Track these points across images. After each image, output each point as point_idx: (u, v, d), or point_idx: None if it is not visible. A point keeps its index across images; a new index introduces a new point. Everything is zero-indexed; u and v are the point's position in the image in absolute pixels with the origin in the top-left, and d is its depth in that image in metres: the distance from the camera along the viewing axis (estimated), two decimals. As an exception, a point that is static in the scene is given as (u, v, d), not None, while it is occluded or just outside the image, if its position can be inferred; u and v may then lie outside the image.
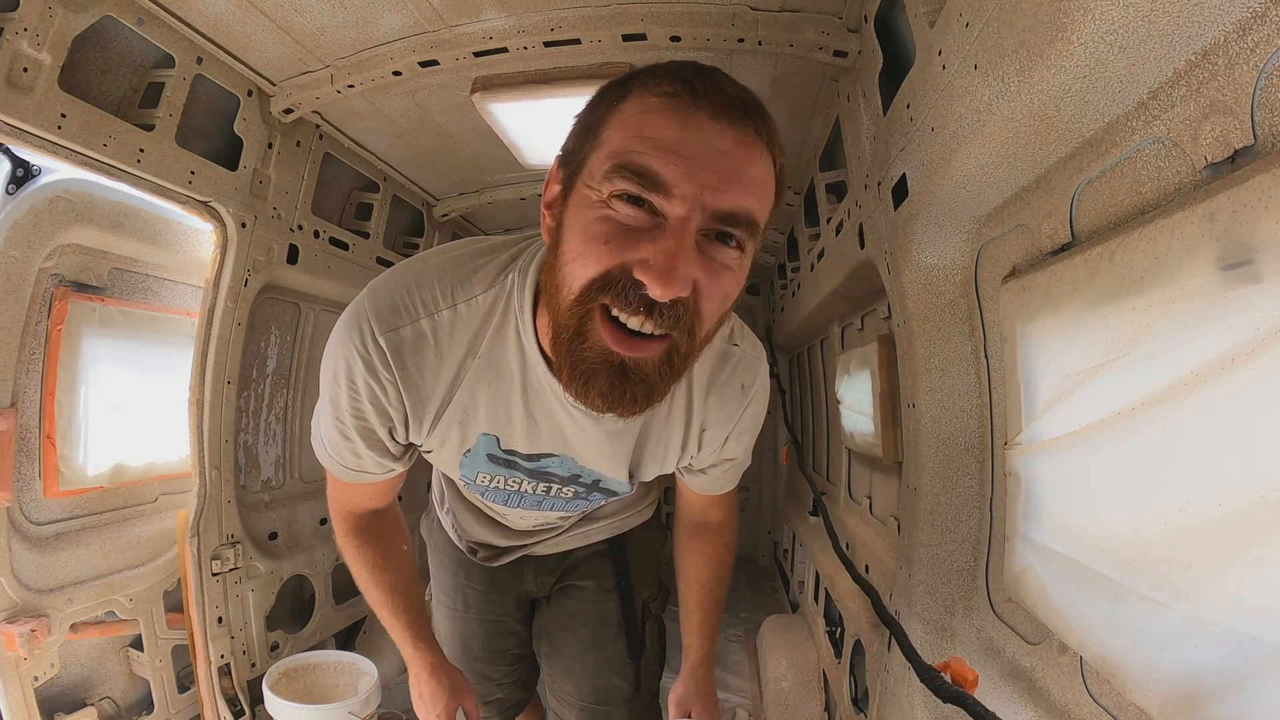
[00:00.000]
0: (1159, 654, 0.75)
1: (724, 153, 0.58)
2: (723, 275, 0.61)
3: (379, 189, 2.61)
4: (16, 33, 1.31)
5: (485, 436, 0.85)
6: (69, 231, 1.83)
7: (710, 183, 0.57)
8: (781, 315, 3.55)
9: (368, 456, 0.86)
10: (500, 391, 0.80)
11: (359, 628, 2.87)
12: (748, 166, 0.59)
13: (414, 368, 0.77)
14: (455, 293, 0.76)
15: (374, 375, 0.76)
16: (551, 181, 0.69)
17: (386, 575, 1.02)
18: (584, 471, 0.92)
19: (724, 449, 0.97)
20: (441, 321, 0.76)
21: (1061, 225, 0.98)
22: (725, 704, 2.49)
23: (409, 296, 0.75)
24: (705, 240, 0.60)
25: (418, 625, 1.06)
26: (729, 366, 0.88)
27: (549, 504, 0.99)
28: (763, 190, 0.61)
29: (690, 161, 0.57)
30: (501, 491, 0.95)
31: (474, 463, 0.89)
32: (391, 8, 1.58)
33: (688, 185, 0.57)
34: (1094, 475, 0.90)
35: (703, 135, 0.57)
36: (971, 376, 1.32)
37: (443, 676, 1.06)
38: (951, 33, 0.99)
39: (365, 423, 0.82)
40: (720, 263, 0.61)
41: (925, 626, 1.35)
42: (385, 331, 0.74)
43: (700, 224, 0.58)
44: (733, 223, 0.59)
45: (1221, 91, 0.66)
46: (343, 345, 0.76)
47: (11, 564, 1.72)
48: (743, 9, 1.58)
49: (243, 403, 2.30)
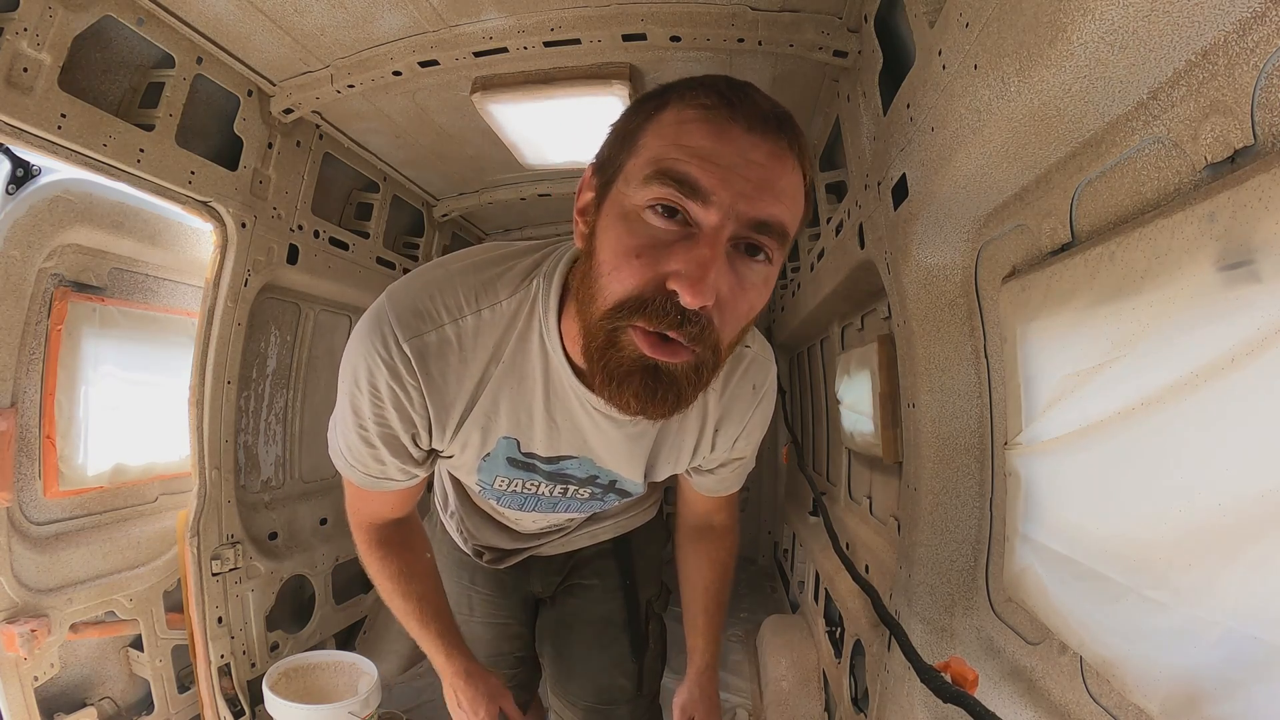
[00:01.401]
0: (1159, 654, 0.75)
1: (758, 163, 0.59)
2: (749, 292, 0.63)
3: (379, 189, 2.61)
4: (16, 33, 1.31)
5: (506, 440, 0.84)
6: (69, 231, 1.83)
7: (745, 191, 0.58)
8: (781, 315, 3.55)
9: (391, 464, 0.85)
10: (523, 395, 0.80)
11: (359, 628, 2.87)
12: (780, 177, 0.60)
13: (438, 374, 0.76)
14: (480, 298, 0.76)
15: (398, 381, 0.75)
16: (585, 189, 0.69)
17: (413, 585, 1.01)
18: (601, 473, 0.92)
19: (732, 451, 0.97)
20: (466, 327, 0.76)
21: (1061, 225, 0.98)
22: (725, 704, 2.49)
23: (432, 302, 0.75)
24: (735, 253, 0.61)
25: (449, 633, 1.05)
26: (741, 367, 0.89)
27: (564, 505, 0.99)
28: (793, 201, 0.62)
29: (726, 171, 0.58)
30: (518, 495, 0.94)
31: (493, 467, 0.88)
32: (391, 8, 1.58)
33: (724, 193, 0.58)
34: (1094, 475, 0.90)
35: (738, 146, 0.59)
36: (971, 376, 1.32)
37: (479, 682, 1.06)
38: (951, 33, 0.99)
39: (389, 429, 0.81)
40: (748, 280, 0.62)
41: (925, 626, 1.35)
42: (409, 338, 0.74)
43: (733, 231, 0.59)
44: (765, 230, 0.60)
45: (1221, 91, 0.66)
46: (365, 351, 0.75)
47: (11, 564, 1.72)
48: (743, 9, 1.58)
49: (243, 403, 2.30)
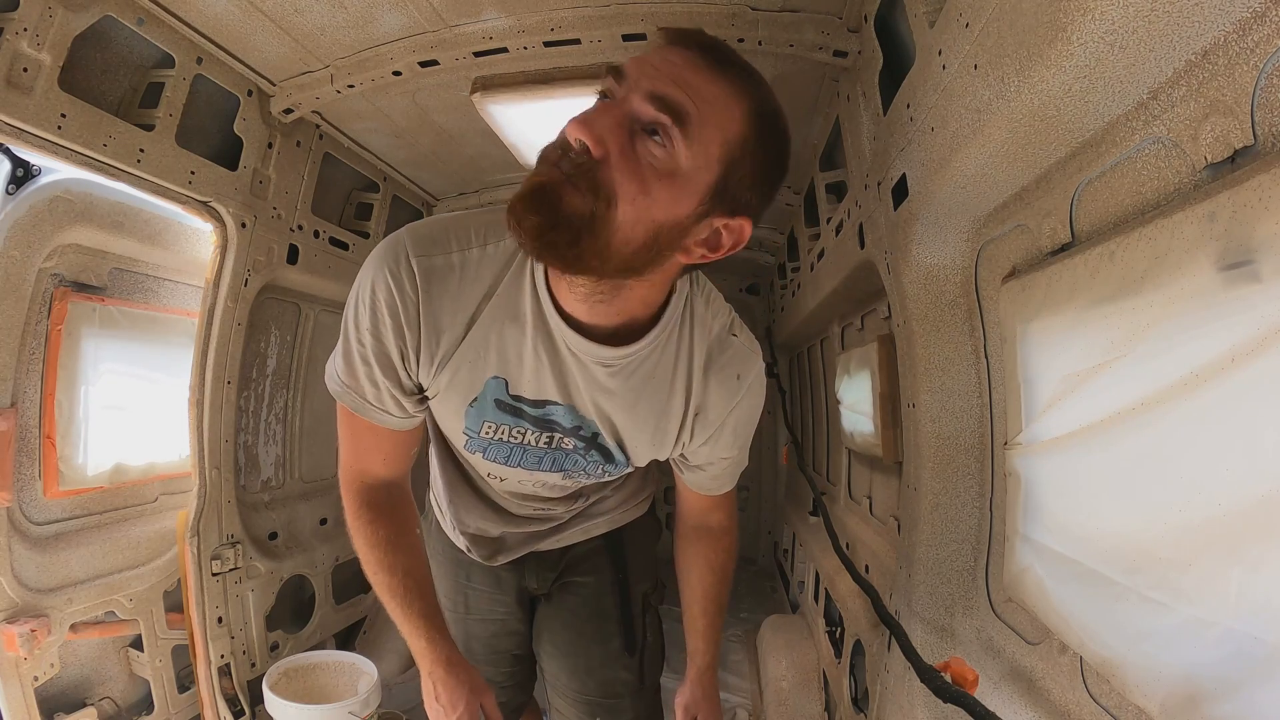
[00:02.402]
0: (1159, 654, 0.75)
1: (673, 62, 0.67)
2: (644, 167, 0.66)
3: (379, 189, 2.61)
4: (16, 33, 1.32)
5: (495, 380, 0.87)
6: (69, 231, 1.83)
7: (649, 74, 0.66)
8: (781, 315, 3.55)
9: (384, 386, 0.86)
10: (512, 333, 0.84)
11: (359, 628, 2.87)
12: (691, 75, 0.66)
13: (438, 295, 0.81)
14: (486, 235, 0.83)
15: (400, 290, 0.80)
16: None
17: (399, 557, 0.96)
18: (585, 423, 0.92)
19: (719, 444, 0.97)
20: (470, 258, 0.82)
21: (1061, 225, 0.98)
22: (725, 704, 2.49)
23: (444, 232, 0.82)
24: (638, 132, 0.66)
25: (432, 615, 0.98)
26: (726, 353, 0.91)
27: (549, 459, 0.97)
28: (702, 101, 0.66)
29: (645, 64, 0.67)
30: (505, 445, 0.93)
31: (481, 411, 0.89)
32: (391, 8, 1.58)
33: (634, 72, 0.67)
34: (1094, 475, 0.90)
35: (664, 53, 0.68)
36: (971, 376, 1.32)
37: (461, 673, 0.98)
38: (951, 33, 0.99)
39: (381, 344, 0.83)
40: (645, 157, 0.66)
41: (925, 626, 1.35)
42: (419, 255, 0.80)
43: (634, 107, 0.66)
44: (661, 106, 0.65)
45: (1221, 91, 0.66)
46: (375, 268, 0.81)
47: (11, 564, 1.72)
48: (743, 9, 1.58)
49: (243, 403, 2.30)
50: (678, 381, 0.90)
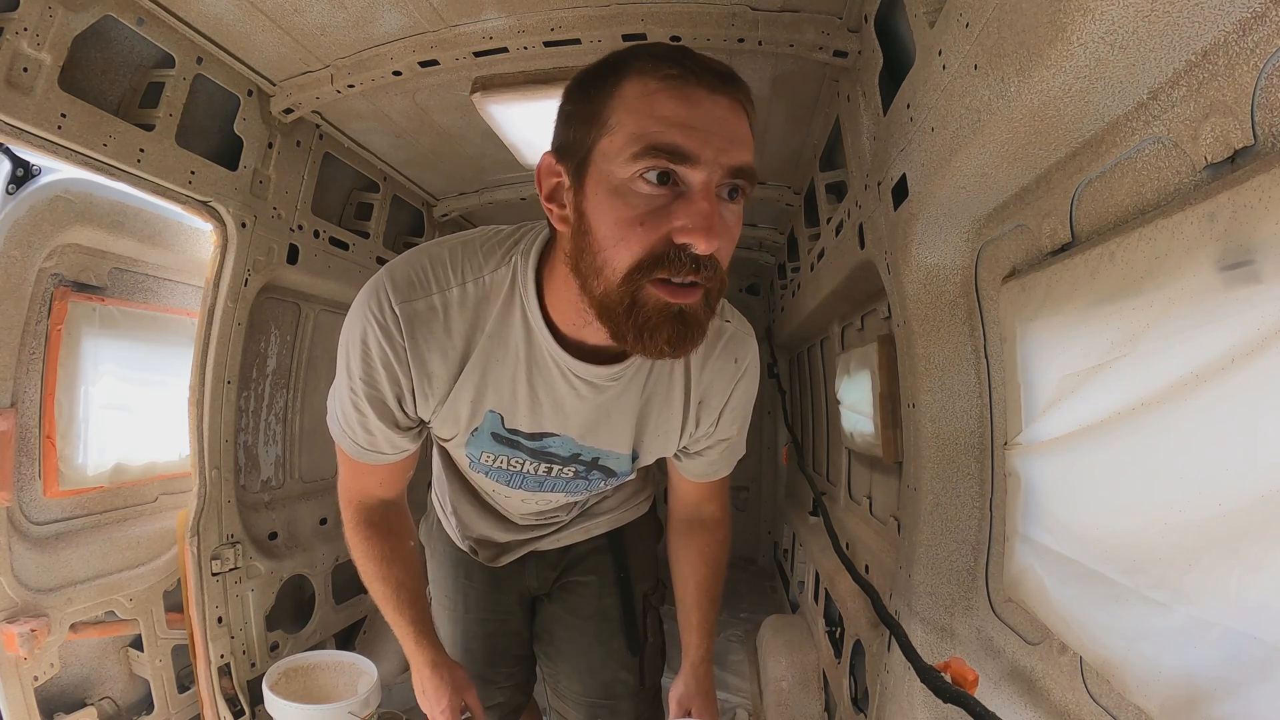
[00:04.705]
0: (1159, 654, 0.75)
1: (724, 119, 0.68)
2: (734, 227, 0.71)
3: (379, 189, 2.61)
4: (16, 33, 1.31)
5: (491, 414, 0.88)
6: (69, 231, 1.83)
7: (721, 146, 0.66)
8: (781, 315, 3.55)
9: (379, 432, 0.89)
10: (506, 368, 0.85)
11: (359, 628, 2.87)
12: (739, 127, 0.69)
13: (423, 340, 0.82)
14: (465, 271, 0.82)
15: (388, 339, 0.81)
16: (548, 175, 0.74)
17: (394, 569, 1.03)
18: (584, 450, 0.95)
19: (719, 427, 0.99)
20: (451, 299, 0.81)
21: (1061, 225, 0.98)
22: (725, 704, 2.49)
23: (424, 273, 0.81)
24: (720, 199, 0.69)
25: (421, 621, 1.07)
26: (722, 340, 0.93)
27: (549, 484, 1.01)
28: (751, 143, 0.72)
29: (703, 133, 0.66)
30: (505, 471, 0.97)
31: (479, 442, 0.92)
32: (391, 8, 1.58)
33: (706, 151, 0.65)
34: (1094, 475, 0.90)
35: (705, 108, 0.67)
36: (971, 376, 1.32)
37: (445, 673, 1.07)
38: (951, 33, 0.99)
39: (376, 390, 0.85)
40: (733, 217, 0.71)
41: (925, 626, 1.35)
42: (400, 301, 0.80)
43: (717, 181, 0.67)
44: (740, 175, 0.68)
45: (1221, 91, 0.66)
46: (360, 314, 0.82)
47: (11, 564, 1.72)
48: (743, 9, 1.58)
49: (243, 403, 2.30)
50: (676, 376, 0.93)
